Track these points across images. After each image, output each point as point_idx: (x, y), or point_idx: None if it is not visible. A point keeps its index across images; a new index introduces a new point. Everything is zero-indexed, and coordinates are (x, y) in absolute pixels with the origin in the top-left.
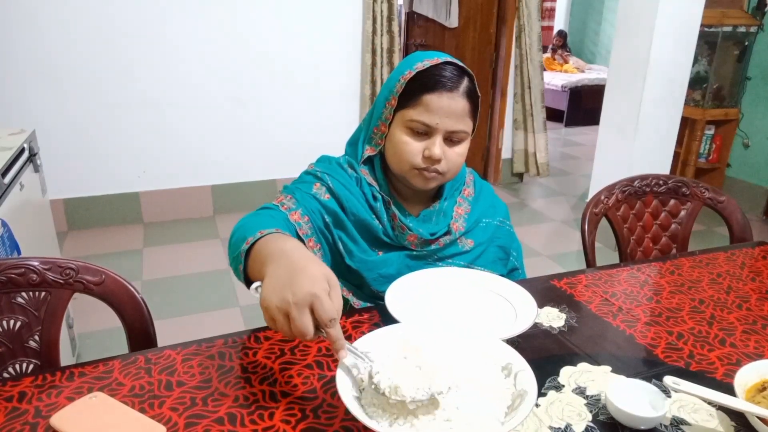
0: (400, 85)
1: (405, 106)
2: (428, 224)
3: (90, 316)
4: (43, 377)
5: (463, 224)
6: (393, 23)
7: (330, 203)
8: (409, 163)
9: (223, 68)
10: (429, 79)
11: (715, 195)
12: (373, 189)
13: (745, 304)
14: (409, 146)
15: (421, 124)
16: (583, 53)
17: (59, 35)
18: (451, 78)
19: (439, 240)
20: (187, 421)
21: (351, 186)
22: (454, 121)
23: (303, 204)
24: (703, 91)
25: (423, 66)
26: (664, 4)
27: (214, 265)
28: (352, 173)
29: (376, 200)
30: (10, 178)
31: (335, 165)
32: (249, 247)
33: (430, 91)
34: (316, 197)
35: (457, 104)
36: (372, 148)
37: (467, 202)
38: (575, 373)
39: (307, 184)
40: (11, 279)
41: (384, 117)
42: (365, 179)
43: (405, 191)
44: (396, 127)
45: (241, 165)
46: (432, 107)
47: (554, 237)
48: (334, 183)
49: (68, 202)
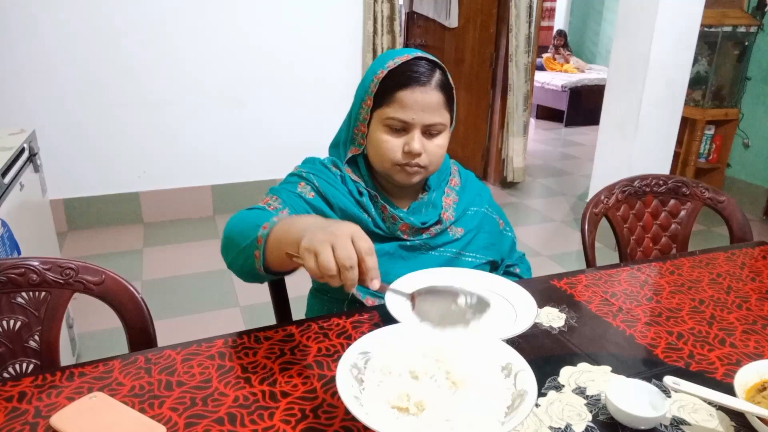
0: (374, 84)
1: (381, 105)
2: (418, 215)
3: (90, 316)
4: (43, 377)
5: (452, 213)
6: (395, 23)
7: (315, 201)
8: (390, 159)
9: (224, 68)
10: (401, 75)
11: (715, 195)
12: (357, 185)
13: (745, 304)
14: (388, 143)
15: (398, 121)
16: (583, 53)
17: (59, 35)
18: (423, 72)
19: (430, 229)
20: (187, 421)
21: (336, 183)
22: (429, 114)
23: (289, 203)
24: (703, 91)
25: (395, 64)
26: (664, 4)
27: (214, 265)
28: (336, 171)
29: (361, 195)
30: (10, 178)
31: (319, 165)
32: (268, 231)
33: (403, 88)
34: (302, 196)
35: (431, 97)
36: (355, 148)
37: (455, 192)
38: (575, 373)
39: (292, 184)
40: (11, 279)
41: (362, 117)
42: (349, 176)
43: (391, 188)
44: (374, 126)
45: (241, 165)
46: (406, 103)
47: (554, 237)
48: (319, 181)
49: (68, 202)
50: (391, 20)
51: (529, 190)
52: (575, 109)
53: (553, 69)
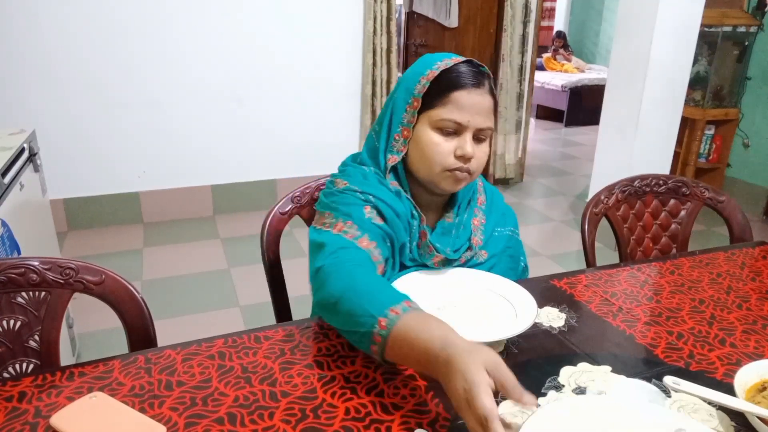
0: (422, 86)
1: (431, 107)
2: (448, 238)
3: (90, 316)
4: (43, 377)
5: (481, 237)
6: (391, 23)
7: (384, 227)
8: (441, 164)
9: (224, 68)
10: (456, 76)
11: (715, 195)
12: (411, 206)
13: (745, 304)
14: (440, 147)
15: (453, 123)
16: (583, 53)
17: (59, 35)
18: (476, 75)
19: (461, 257)
20: (187, 421)
21: (395, 204)
22: (483, 118)
23: (365, 229)
24: (703, 91)
25: (446, 65)
26: (664, 4)
27: (214, 265)
28: (393, 188)
29: (413, 218)
30: (10, 178)
31: (374, 180)
32: (388, 332)
33: (459, 89)
34: (373, 222)
35: (484, 101)
36: (394, 156)
37: (482, 212)
38: (575, 373)
39: (357, 207)
40: (11, 279)
41: (406, 121)
42: (403, 194)
43: (424, 199)
44: (422, 128)
45: (241, 165)
46: (462, 104)
47: (554, 237)
48: (381, 205)
49: (68, 202)
50: (389, 20)
51: (529, 189)
52: (575, 109)
53: (553, 69)
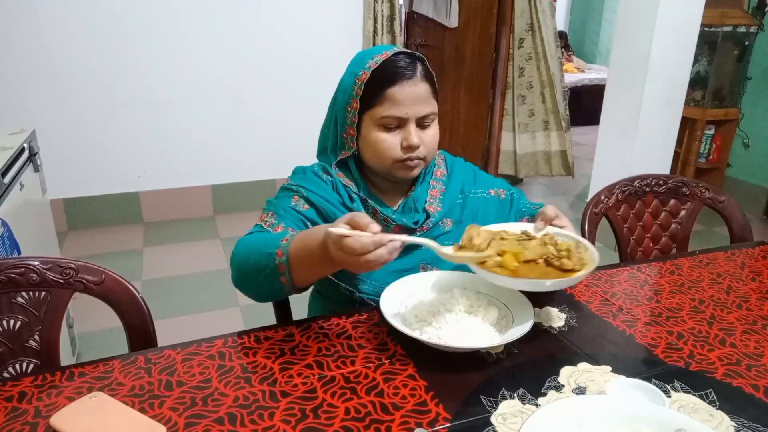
0: (358, 87)
1: (370, 106)
2: (409, 214)
3: (90, 316)
4: (43, 377)
5: (439, 205)
6: (395, 23)
7: (309, 213)
8: (391, 158)
9: (224, 68)
10: (386, 73)
11: (715, 195)
12: (348, 189)
13: (745, 304)
14: (386, 142)
15: (393, 119)
16: (583, 53)
17: (59, 35)
18: (406, 66)
19: (423, 226)
20: (187, 421)
21: (327, 192)
22: (421, 106)
23: (284, 218)
24: (703, 91)
25: (375, 63)
26: (664, 4)
27: (214, 265)
28: (327, 178)
29: (352, 201)
30: (10, 178)
31: (310, 174)
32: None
33: (391, 85)
34: (296, 209)
35: (419, 89)
36: (346, 152)
37: (441, 183)
38: (575, 373)
39: (285, 199)
40: (11, 279)
41: (350, 121)
42: (340, 181)
43: (384, 185)
44: (367, 127)
45: (241, 165)
46: (398, 99)
47: None
48: (309, 194)
49: (68, 202)
50: (391, 20)
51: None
52: (575, 109)
53: None
